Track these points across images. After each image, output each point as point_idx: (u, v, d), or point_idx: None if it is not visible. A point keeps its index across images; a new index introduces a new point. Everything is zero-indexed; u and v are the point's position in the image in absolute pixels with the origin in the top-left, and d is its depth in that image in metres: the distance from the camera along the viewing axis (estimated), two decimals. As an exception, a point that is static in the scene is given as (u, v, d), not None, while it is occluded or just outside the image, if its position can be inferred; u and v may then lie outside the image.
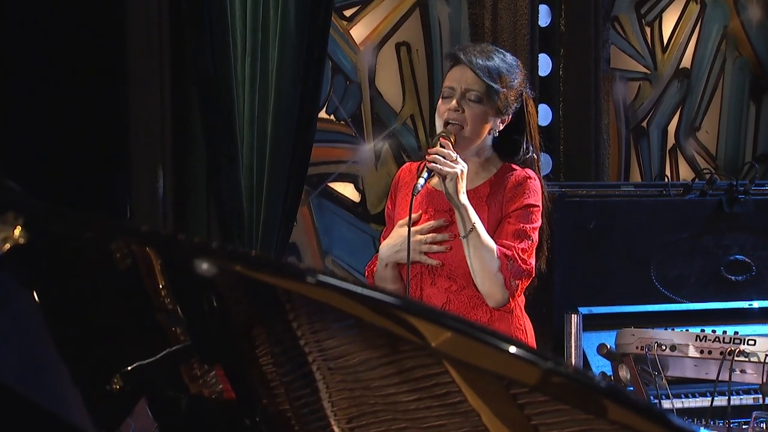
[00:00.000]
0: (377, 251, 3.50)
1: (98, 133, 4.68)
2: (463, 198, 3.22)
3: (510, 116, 3.35)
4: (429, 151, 3.25)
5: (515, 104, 3.34)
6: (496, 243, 3.25)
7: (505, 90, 3.29)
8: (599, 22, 5.67)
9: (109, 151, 4.73)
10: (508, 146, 3.39)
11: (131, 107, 4.71)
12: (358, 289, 1.31)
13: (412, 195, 3.23)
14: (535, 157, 3.41)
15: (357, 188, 5.46)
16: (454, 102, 3.29)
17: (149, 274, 1.67)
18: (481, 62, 3.30)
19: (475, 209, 3.27)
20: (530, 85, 3.48)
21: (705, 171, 5.52)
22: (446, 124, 3.30)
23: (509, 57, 3.38)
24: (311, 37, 4.63)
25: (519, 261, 3.24)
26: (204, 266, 1.49)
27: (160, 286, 1.67)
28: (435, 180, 3.33)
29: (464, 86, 3.30)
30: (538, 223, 3.33)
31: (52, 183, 4.50)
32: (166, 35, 4.72)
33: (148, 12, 4.71)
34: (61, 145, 4.58)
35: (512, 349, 1.24)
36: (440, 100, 3.35)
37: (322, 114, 5.31)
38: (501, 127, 3.34)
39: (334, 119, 5.43)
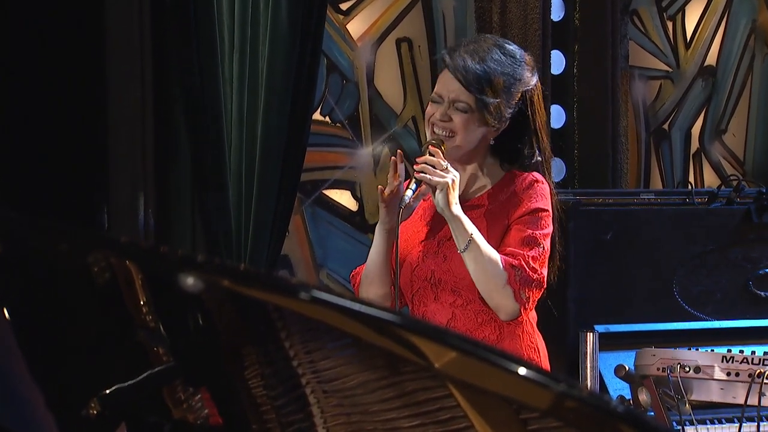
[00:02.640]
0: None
1: (74, 136, 4.68)
2: (456, 209, 3.22)
3: (506, 123, 3.32)
4: (417, 160, 3.25)
5: (513, 110, 3.30)
6: (501, 252, 3.25)
7: (497, 100, 3.26)
8: (617, 15, 5.68)
9: (86, 156, 4.73)
10: (508, 152, 3.38)
11: (110, 109, 4.71)
12: (356, 306, 1.31)
13: (399, 208, 3.22)
14: (542, 159, 3.38)
15: (354, 196, 5.47)
16: (441, 110, 3.29)
17: (129, 289, 1.67)
18: (470, 68, 3.26)
19: (473, 223, 3.25)
20: (540, 78, 3.44)
21: (732, 177, 5.52)
22: (433, 126, 3.30)
23: (511, 51, 3.33)
24: (305, 32, 4.64)
25: (528, 270, 3.23)
26: (189, 281, 1.49)
27: (142, 303, 1.67)
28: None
29: (452, 96, 3.29)
30: (549, 230, 3.32)
31: (24, 191, 4.50)
32: (147, 30, 4.73)
33: (128, 5, 4.71)
34: (33, 150, 4.58)
35: (522, 371, 1.25)
36: (429, 103, 3.35)
37: (317, 116, 5.32)
38: (496, 134, 3.32)
39: (330, 121, 5.44)
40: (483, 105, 3.25)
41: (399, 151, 3.41)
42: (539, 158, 3.36)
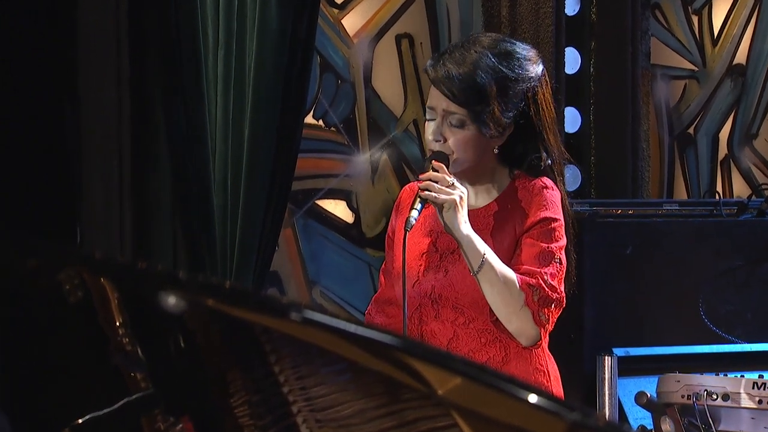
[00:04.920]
0: (374, 282, 3.50)
1: (43, 142, 4.68)
2: (466, 228, 3.21)
3: (511, 128, 3.31)
4: (420, 177, 3.24)
5: (513, 112, 3.28)
6: (515, 270, 3.25)
7: (492, 107, 3.24)
8: (637, 9, 5.69)
9: (56, 162, 4.74)
10: (513, 158, 3.37)
11: (82, 111, 4.72)
12: (352, 328, 1.32)
13: (405, 231, 3.22)
14: (550, 163, 3.36)
15: (350, 207, 5.47)
16: (432, 130, 3.29)
17: (105, 309, 1.68)
18: (455, 78, 3.24)
19: (478, 236, 3.25)
20: (554, 78, 3.41)
21: (763, 186, 5.53)
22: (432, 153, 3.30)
23: (505, 50, 3.28)
24: (296, 27, 4.65)
25: (546, 289, 3.23)
26: (170, 300, 1.50)
27: (118, 324, 1.68)
28: None
29: (442, 109, 3.28)
30: (563, 241, 3.32)
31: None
32: (124, 25, 4.73)
33: (103, -2, 4.73)
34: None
35: (532, 398, 1.25)
36: (425, 121, 3.35)
37: (309, 119, 5.33)
38: (501, 141, 3.32)
39: (323, 125, 5.45)
40: (476, 115, 3.24)
41: None
42: (548, 162, 3.35)
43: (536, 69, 3.31)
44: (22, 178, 4.62)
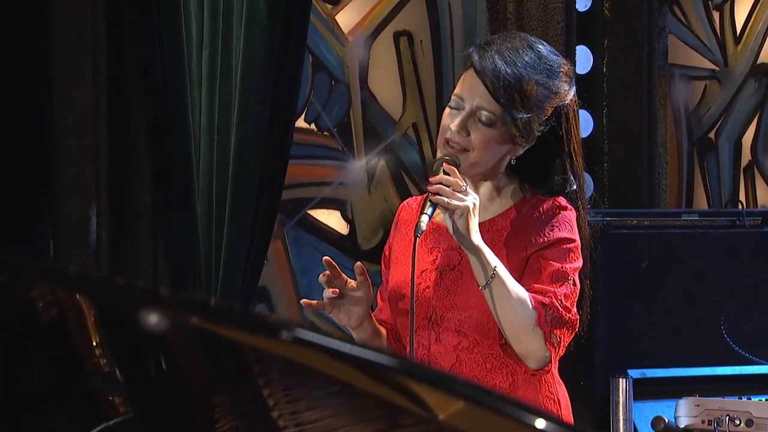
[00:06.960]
0: (373, 299, 3.50)
1: (13, 146, 4.69)
2: (477, 238, 3.21)
3: (533, 142, 3.32)
4: (431, 180, 3.24)
5: (544, 127, 3.30)
6: (527, 289, 3.25)
7: (528, 115, 3.26)
8: (653, 5, 5.70)
9: (28, 169, 4.74)
10: (534, 177, 3.37)
11: (56, 115, 4.72)
12: (346, 348, 1.32)
13: (415, 236, 3.22)
14: (576, 187, 3.36)
15: (344, 217, 5.47)
16: (458, 121, 3.28)
17: (80, 327, 1.68)
18: (502, 73, 3.25)
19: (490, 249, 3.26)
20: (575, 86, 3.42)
21: (789, 195, 5.54)
22: (447, 142, 3.30)
23: (547, 57, 3.31)
24: (286, 24, 4.65)
25: (560, 309, 3.23)
26: (150, 318, 1.50)
27: (94, 344, 1.68)
28: (442, 215, 3.32)
29: (476, 102, 3.28)
30: (579, 263, 3.32)
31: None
32: (100, 22, 4.74)
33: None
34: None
35: (540, 424, 1.25)
36: (447, 108, 3.34)
37: (301, 122, 5.33)
38: (521, 152, 3.32)
39: (316, 129, 5.45)
40: (511, 119, 3.25)
41: (326, 258, 3.45)
42: (574, 186, 3.35)
43: (572, 88, 3.35)
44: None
